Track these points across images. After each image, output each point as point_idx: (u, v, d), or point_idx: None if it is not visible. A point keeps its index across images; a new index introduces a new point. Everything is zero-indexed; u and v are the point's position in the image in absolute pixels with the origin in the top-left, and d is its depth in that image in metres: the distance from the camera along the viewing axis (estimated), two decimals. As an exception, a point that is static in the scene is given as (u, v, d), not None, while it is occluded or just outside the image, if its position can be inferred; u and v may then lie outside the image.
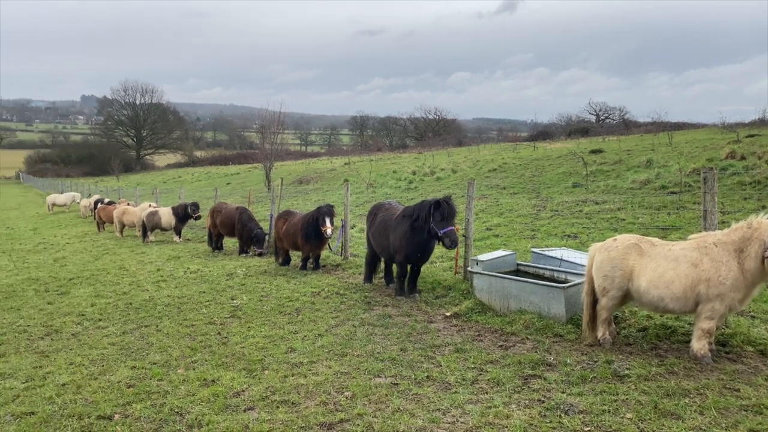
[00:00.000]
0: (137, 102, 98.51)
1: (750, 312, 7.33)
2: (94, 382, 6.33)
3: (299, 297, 9.90)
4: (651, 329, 7.05)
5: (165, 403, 5.63)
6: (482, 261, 8.64)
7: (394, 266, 10.29)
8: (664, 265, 6.17)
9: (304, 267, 12.74)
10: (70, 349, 7.61)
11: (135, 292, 11.11)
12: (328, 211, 12.21)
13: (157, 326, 8.53)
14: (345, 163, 47.76)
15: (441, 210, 8.76)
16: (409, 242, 9.17)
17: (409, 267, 9.59)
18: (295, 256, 13.72)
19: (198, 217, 20.14)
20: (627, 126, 57.55)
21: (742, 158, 19.88)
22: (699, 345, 6.04)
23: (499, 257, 8.90)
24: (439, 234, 8.74)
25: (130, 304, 10.05)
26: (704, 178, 6.97)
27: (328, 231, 12.04)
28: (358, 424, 4.96)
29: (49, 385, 6.27)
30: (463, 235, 10.05)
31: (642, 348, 6.58)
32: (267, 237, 16.01)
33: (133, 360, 7.01)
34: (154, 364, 6.84)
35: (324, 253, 13.08)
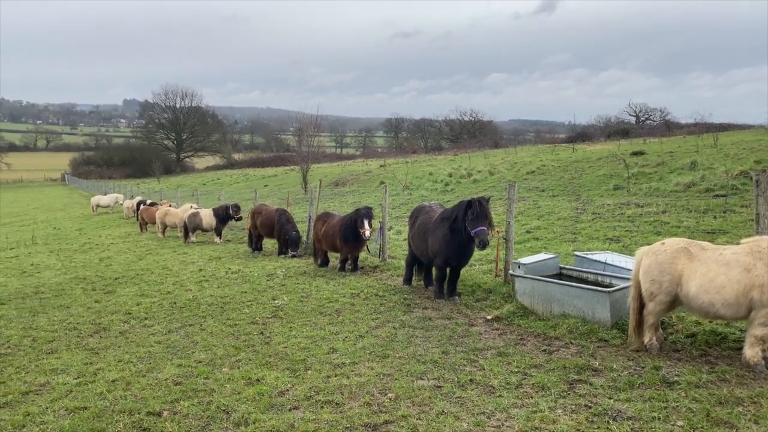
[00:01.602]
0: (177, 105, 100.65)
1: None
2: (143, 379, 6.48)
3: (339, 298, 9.96)
4: (700, 335, 6.88)
5: (212, 401, 5.73)
6: (524, 264, 8.56)
7: (434, 269, 10.27)
8: (715, 270, 6.01)
9: (342, 268, 12.81)
10: (119, 347, 7.81)
11: (179, 291, 11.34)
12: (366, 213, 12.26)
13: (201, 325, 8.69)
14: (380, 166, 47.86)
15: (473, 209, 8.73)
16: (447, 245, 9.14)
17: (448, 270, 9.56)
18: (333, 258, 13.81)
19: (239, 218, 20.43)
20: (668, 127, 56.25)
21: (792, 160, 19.22)
22: (752, 352, 5.87)
23: (541, 260, 8.80)
24: (471, 234, 8.70)
25: (175, 303, 10.26)
26: (757, 180, 6.76)
27: (367, 233, 12.09)
28: (402, 426, 4.97)
29: (100, 382, 6.45)
30: (504, 238, 9.97)
31: (691, 354, 6.42)
32: (302, 240, 16.18)
33: (179, 358, 7.16)
34: (200, 362, 6.97)
35: (362, 254, 13.14)
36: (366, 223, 12.08)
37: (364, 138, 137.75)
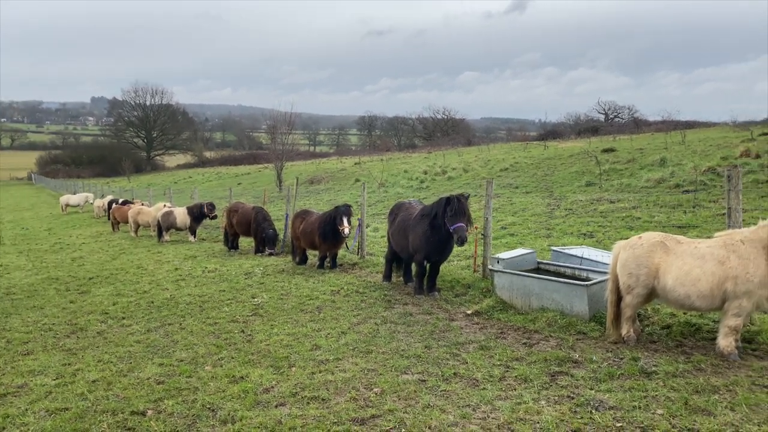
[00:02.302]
0: (147, 103, 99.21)
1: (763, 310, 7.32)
2: (124, 378, 6.41)
3: (319, 295, 9.97)
4: (675, 326, 7.06)
5: (196, 399, 5.70)
6: (503, 259, 8.67)
7: (413, 265, 10.34)
8: (691, 263, 6.18)
9: (321, 266, 12.81)
10: (97, 347, 7.70)
11: (155, 290, 11.21)
12: (345, 210, 12.28)
13: (180, 324, 8.62)
14: (355, 163, 47.87)
15: (451, 206, 8.82)
16: (428, 241, 9.21)
17: (428, 266, 9.64)
18: (312, 255, 13.80)
19: (214, 217, 20.26)
20: (637, 125, 57.36)
21: (757, 156, 19.80)
22: (726, 342, 6.05)
23: (519, 255, 8.93)
24: (450, 230, 8.80)
25: (152, 302, 10.15)
26: (728, 175, 6.97)
27: (346, 230, 12.11)
28: (389, 420, 5.02)
29: (80, 382, 6.36)
30: (482, 234, 10.09)
31: (667, 345, 6.59)
32: (279, 238, 16.13)
33: (160, 357, 7.10)
34: (181, 361, 6.91)
35: (340, 252, 13.15)
36: (345, 220, 12.10)
37: (338, 136, 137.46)
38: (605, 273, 8.02)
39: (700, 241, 6.39)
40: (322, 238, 12.49)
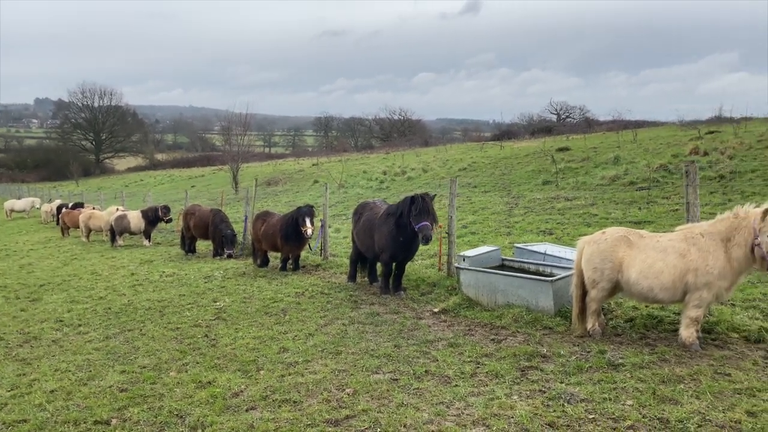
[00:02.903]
0: (95, 104, 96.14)
1: (729, 301, 7.57)
2: (84, 387, 6.17)
3: (283, 298, 9.83)
4: (638, 319, 7.22)
5: (163, 406, 5.52)
6: (469, 257, 8.72)
7: (378, 265, 10.31)
8: (653, 256, 6.33)
9: (284, 268, 12.65)
10: (53, 356, 7.40)
11: (112, 296, 10.85)
12: (308, 211, 12.16)
13: (140, 330, 8.36)
14: (313, 164, 47.57)
15: (416, 205, 8.84)
16: (394, 240, 9.20)
17: (393, 265, 9.61)
18: (273, 258, 13.62)
19: (169, 220, 19.81)
20: (589, 124, 58.80)
21: (705, 154, 20.52)
22: (687, 333, 6.21)
23: (484, 253, 9.00)
24: (415, 229, 8.81)
25: (109, 308, 9.82)
26: (686, 171, 7.18)
27: (309, 231, 11.99)
28: (364, 420, 4.96)
29: (37, 393, 6.09)
30: (446, 232, 10.13)
31: (631, 338, 6.74)
32: (238, 239, 15.87)
33: (121, 364, 6.86)
34: (144, 367, 6.70)
35: (303, 253, 13.01)
36: (308, 221, 11.98)
37: (294, 137, 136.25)
38: (568, 269, 8.16)
39: (661, 235, 6.56)
40: (285, 239, 12.33)
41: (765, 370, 5.51)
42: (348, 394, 5.53)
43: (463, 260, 8.74)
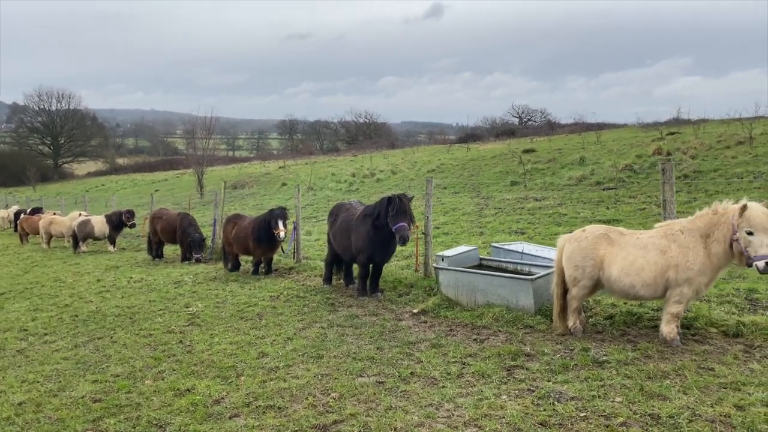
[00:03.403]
0: (53, 108, 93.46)
1: (704, 297, 7.68)
2: (55, 399, 5.89)
3: (258, 302, 9.63)
4: (618, 316, 7.27)
5: (140, 415, 5.30)
6: (448, 257, 8.68)
7: (355, 266, 10.20)
8: (634, 253, 6.37)
9: (256, 272, 12.42)
10: (19, 366, 7.07)
11: (78, 304, 10.48)
12: (281, 213, 11.97)
13: (111, 338, 8.07)
14: (280, 167, 47.13)
15: (393, 206, 8.77)
16: (371, 241, 9.10)
17: (371, 267, 9.51)
18: (245, 262, 13.38)
19: (133, 225, 19.33)
20: (552, 127, 59.68)
21: (668, 154, 20.98)
22: (668, 329, 6.27)
23: (463, 252, 8.96)
24: (393, 230, 8.74)
25: (76, 316, 9.46)
26: (663, 169, 7.25)
27: (281, 234, 11.80)
28: (353, 425, 4.84)
29: (4, 405, 5.79)
30: (423, 233, 10.08)
31: (612, 335, 6.77)
32: (207, 243, 15.57)
33: (92, 374, 6.58)
34: (117, 376, 6.45)
35: (275, 256, 12.80)
36: (280, 223, 11.79)
37: (258, 140, 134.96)
38: (547, 267, 8.19)
39: (641, 232, 6.61)
40: (257, 242, 12.12)
41: (746, 364, 5.58)
42: (334, 399, 5.40)
43: (442, 260, 8.69)
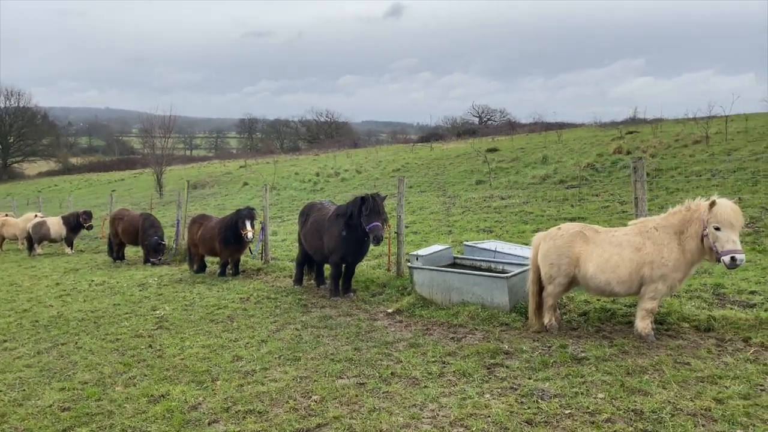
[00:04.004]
0: (1, 105, 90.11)
1: (675, 293, 7.84)
2: (20, 408, 5.62)
3: (228, 304, 9.42)
4: (592, 313, 7.36)
5: (114, 424, 5.10)
6: (422, 256, 8.65)
7: (326, 267, 10.08)
8: (610, 251, 6.45)
9: (223, 273, 12.17)
10: (-22, 376, 6.73)
11: (38, 308, 10.07)
12: (248, 213, 11.76)
13: (76, 343, 7.76)
14: (241, 167, 46.49)
15: (366, 205, 8.70)
16: (344, 241, 9.00)
17: (343, 267, 9.41)
18: (211, 263, 13.11)
19: (90, 227, 18.75)
20: (513, 126, 60.50)
21: (628, 153, 21.47)
22: (643, 324, 6.36)
23: (437, 251, 8.95)
24: (366, 229, 8.67)
25: (37, 321, 9.09)
26: (634, 167, 7.37)
27: (249, 234, 11.59)
28: (337, 428, 4.75)
29: (-35, 417, 5.49)
30: (396, 232, 10.03)
31: (588, 331, 6.85)
32: (169, 245, 15.24)
33: (59, 381, 6.32)
34: (86, 383, 6.20)
35: (242, 257, 12.57)
36: (248, 224, 11.59)
37: (216, 139, 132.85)
38: (520, 265, 8.24)
39: (616, 230, 6.70)
40: (224, 243, 11.88)
41: (720, 358, 5.70)
42: (315, 401, 5.30)
43: (417, 259, 8.66)
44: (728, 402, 4.70)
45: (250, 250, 12.54)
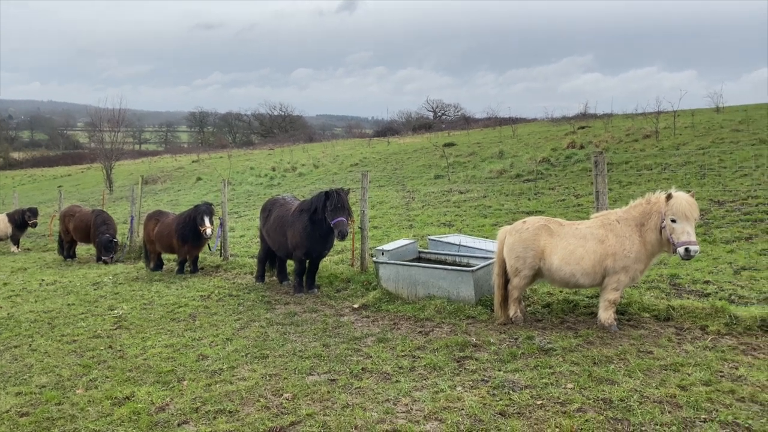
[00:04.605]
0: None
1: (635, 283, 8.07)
2: (-26, 415, 5.37)
3: (188, 302, 9.22)
4: (555, 304, 7.50)
5: (77, 428, 4.92)
6: (388, 251, 8.65)
7: (289, 263, 9.98)
8: (574, 243, 6.58)
9: (181, 270, 11.90)
10: (-75, 382, 6.39)
11: (-14, 310, 9.63)
12: (207, 209, 11.53)
13: (30, 345, 7.46)
14: (193, 161, 45.54)
15: (331, 200, 8.65)
16: (309, 236, 8.91)
17: (307, 262, 9.33)
18: (168, 260, 12.81)
19: (35, 225, 18.03)
20: (467, 121, 61.11)
21: (581, 147, 21.96)
22: (606, 315, 6.53)
23: (402, 246, 8.96)
24: (331, 224, 8.62)
25: (-15, 323, 8.69)
26: (595, 162, 7.53)
27: (208, 231, 11.38)
28: (311, 425, 4.70)
29: None
30: (360, 227, 10.00)
31: (552, 322, 6.98)
32: (124, 242, 14.83)
33: (14, 386, 6.05)
34: (44, 387, 5.96)
35: (200, 254, 12.32)
36: (207, 220, 11.38)
37: (166, 133, 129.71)
38: (484, 258, 8.34)
39: (580, 223, 6.84)
40: (182, 240, 11.62)
41: (680, 346, 5.90)
42: (287, 399, 5.24)
43: (382, 254, 8.65)
44: (691, 389, 4.87)
45: (209, 246, 12.31)
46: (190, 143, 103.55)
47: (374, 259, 8.91)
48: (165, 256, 12.75)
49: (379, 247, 8.89)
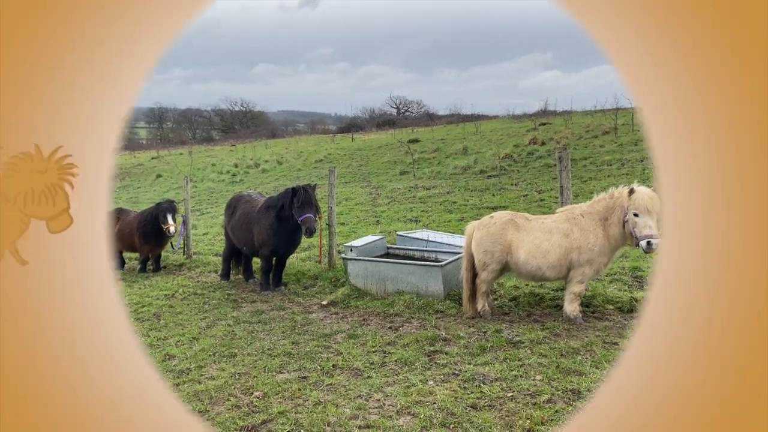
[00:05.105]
0: None
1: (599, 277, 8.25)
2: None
3: (152, 301, 9.04)
4: (521, 298, 7.61)
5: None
6: (356, 247, 8.64)
7: (255, 260, 9.88)
8: (540, 237, 6.69)
9: (143, 269, 11.66)
10: None
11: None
12: (169, 207, 11.31)
13: (-14, 349, 7.21)
14: (153, 158, 44.67)
15: (298, 196, 8.60)
16: (276, 233, 8.84)
17: (274, 260, 9.25)
18: (129, 259, 12.54)
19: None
20: (431, 118, 61.45)
21: (543, 143, 22.33)
22: (571, 307, 6.65)
23: (371, 242, 8.97)
24: (298, 221, 8.57)
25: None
26: (559, 157, 7.66)
27: (171, 228, 11.15)
28: (284, 423, 4.67)
29: None
30: (327, 224, 9.96)
31: (519, 315, 7.09)
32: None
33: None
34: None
35: (163, 252, 12.09)
36: (169, 217, 11.15)
37: (124, 129, 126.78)
38: (452, 253, 8.40)
39: (546, 217, 6.95)
40: (144, 238, 11.38)
41: (644, 336, 6.04)
42: (257, 398, 5.19)
43: (351, 250, 8.63)
44: (656, 377, 4.99)
45: (171, 245, 12.09)
46: (149, 139, 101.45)
47: (343, 255, 8.89)
48: (127, 254, 12.47)
49: (348, 244, 8.87)
